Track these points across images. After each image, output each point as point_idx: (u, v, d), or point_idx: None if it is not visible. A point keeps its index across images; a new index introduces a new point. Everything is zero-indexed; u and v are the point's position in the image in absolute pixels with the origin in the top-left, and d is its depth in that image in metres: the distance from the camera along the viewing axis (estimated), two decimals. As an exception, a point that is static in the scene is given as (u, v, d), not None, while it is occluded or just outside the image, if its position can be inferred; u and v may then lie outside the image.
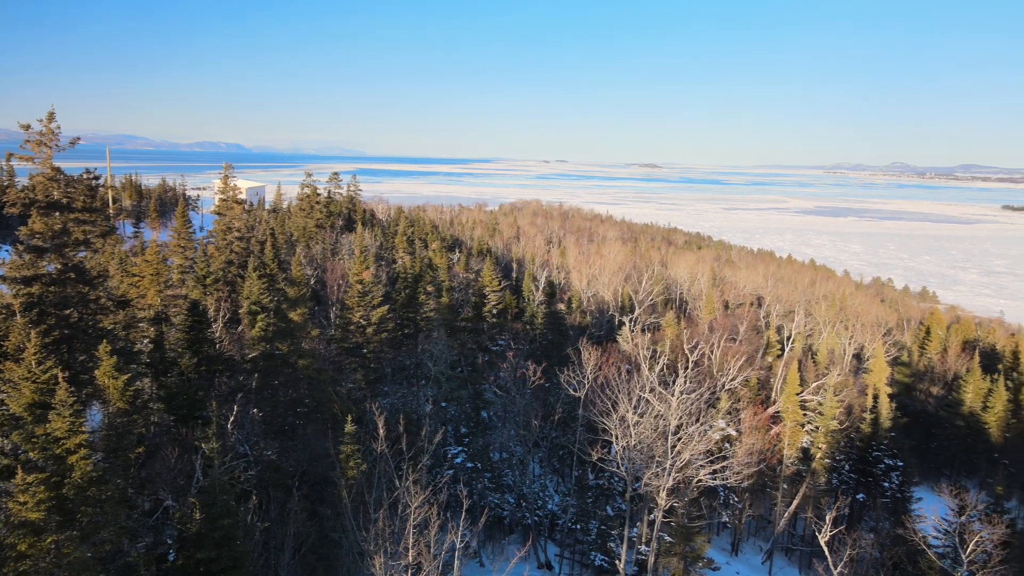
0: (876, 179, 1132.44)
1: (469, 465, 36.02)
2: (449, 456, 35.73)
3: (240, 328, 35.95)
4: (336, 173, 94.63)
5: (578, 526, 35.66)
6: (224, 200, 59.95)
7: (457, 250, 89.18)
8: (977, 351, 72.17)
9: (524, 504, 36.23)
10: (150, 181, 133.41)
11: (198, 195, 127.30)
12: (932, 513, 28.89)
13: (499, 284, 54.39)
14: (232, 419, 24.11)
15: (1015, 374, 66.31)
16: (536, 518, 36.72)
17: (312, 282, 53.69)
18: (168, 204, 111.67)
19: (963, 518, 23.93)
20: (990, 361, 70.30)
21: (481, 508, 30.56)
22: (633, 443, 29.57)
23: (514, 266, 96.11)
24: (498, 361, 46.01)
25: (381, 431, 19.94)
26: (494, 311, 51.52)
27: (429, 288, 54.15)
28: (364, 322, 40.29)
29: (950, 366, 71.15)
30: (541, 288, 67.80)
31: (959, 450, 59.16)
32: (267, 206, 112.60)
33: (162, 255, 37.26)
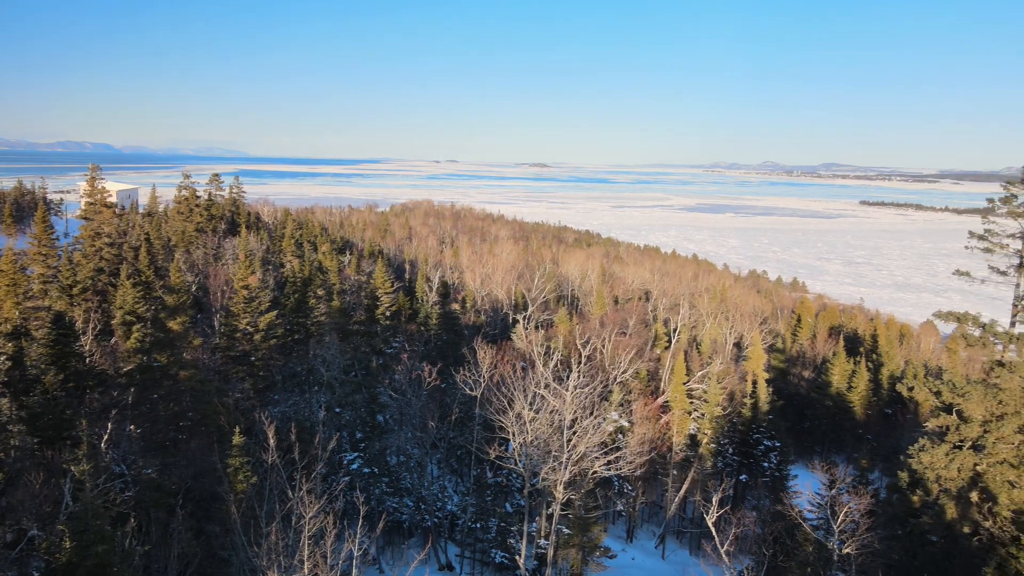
0: (750, 177, 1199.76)
1: (366, 470, 35.34)
2: (345, 463, 34.91)
3: (113, 340, 33.63)
4: (217, 174, 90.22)
5: (478, 525, 35.73)
6: (92, 204, 55.90)
7: (348, 252, 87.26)
8: (842, 336, 78.02)
9: (423, 506, 35.93)
10: (5, 184, 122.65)
11: (61, 199, 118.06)
12: (807, 488, 30.93)
13: (392, 286, 53.64)
14: (106, 437, 22.50)
15: (874, 356, 72.07)
16: (436, 520, 36.51)
17: (193, 289, 51.01)
18: (26, 209, 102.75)
19: (833, 491, 25.75)
20: (853, 345, 76.04)
21: (379, 513, 30.05)
22: (530, 439, 29.93)
23: (407, 267, 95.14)
24: (393, 363, 45.38)
25: (272, 441, 19.19)
26: (387, 313, 50.77)
27: (320, 292, 52.69)
28: (251, 329, 38.70)
29: (819, 351, 76.46)
30: (435, 288, 67.46)
31: (829, 428, 63.70)
32: (141, 210, 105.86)
33: (20, 264, 34.29)
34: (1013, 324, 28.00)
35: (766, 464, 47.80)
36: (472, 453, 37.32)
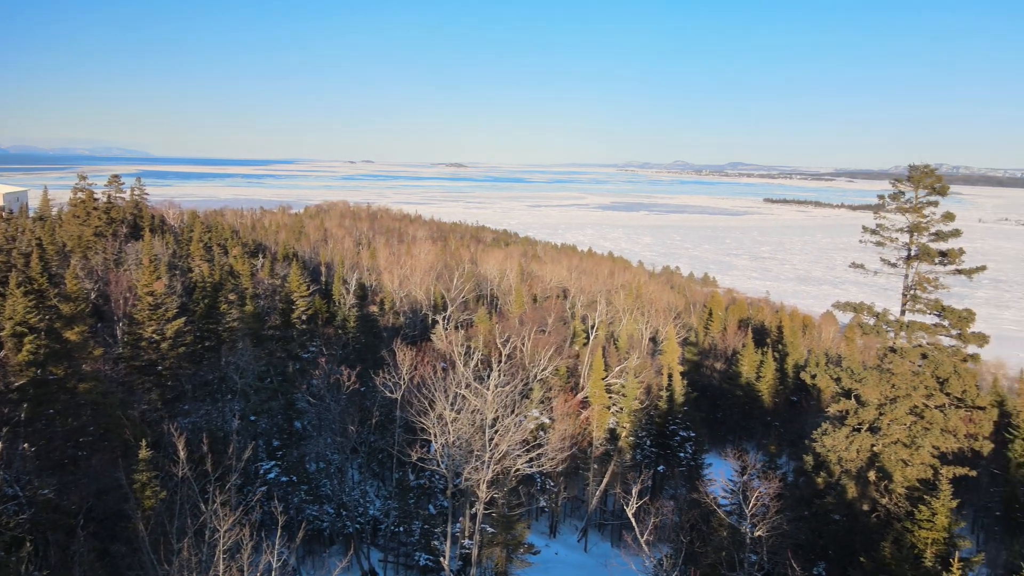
0: (662, 176, 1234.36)
1: (284, 479, 34.37)
2: (261, 472, 33.85)
3: (3, 353, 31.44)
4: (116, 176, 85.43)
5: (401, 528, 35.36)
6: (-25, 207, 52.10)
7: (261, 255, 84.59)
8: (750, 328, 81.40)
9: (344, 513, 35.25)
10: None
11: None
12: (720, 476, 32.11)
13: (308, 289, 52.35)
14: (-3, 457, 21.02)
15: (780, 346, 75.54)
16: (358, 526, 35.88)
17: (93, 297, 48.33)
18: None
19: (745, 477, 26.79)
20: (760, 336, 79.47)
21: (299, 522, 29.30)
22: (452, 439, 29.86)
23: (323, 270, 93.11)
24: (310, 368, 44.32)
25: (182, 453, 18.43)
26: (303, 317, 49.52)
27: (231, 296, 50.90)
28: (158, 337, 36.97)
29: (729, 343, 79.46)
30: (352, 291, 66.33)
31: (740, 417, 66.31)
32: (31, 213, 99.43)
33: None
34: (903, 312, 29.86)
35: (682, 454, 49.31)
36: (394, 456, 36.91)
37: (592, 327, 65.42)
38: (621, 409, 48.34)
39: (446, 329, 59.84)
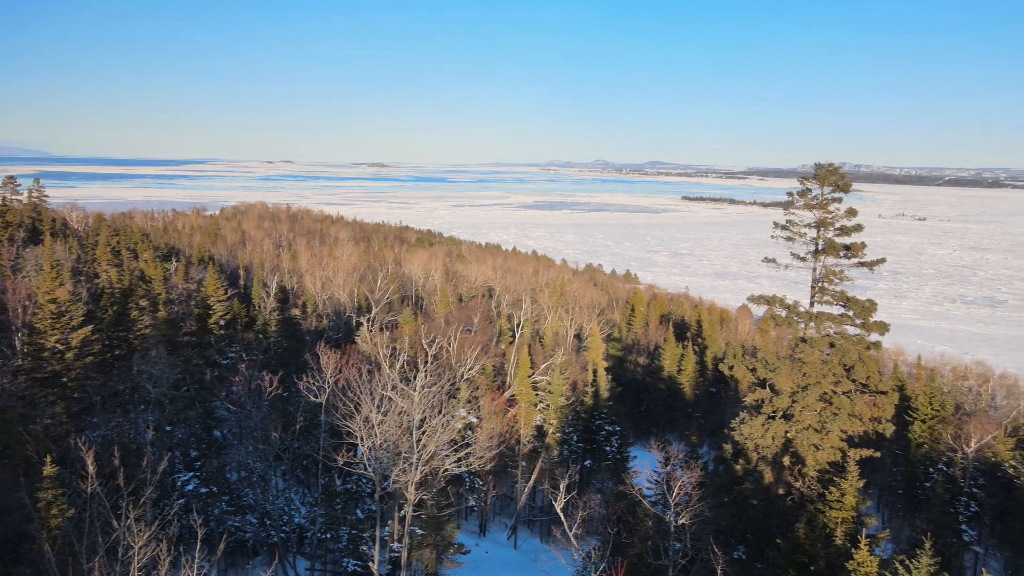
0: (583, 175, 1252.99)
1: (203, 490, 33.17)
2: (179, 484, 32.56)
3: None
4: (12, 177, 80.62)
5: (328, 535, 34.67)
6: None
7: (174, 259, 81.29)
8: (671, 323, 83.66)
9: (268, 522, 34.29)
10: None
11: None
12: (645, 467, 32.91)
13: (225, 293, 50.67)
14: None
15: (700, 340, 77.91)
16: (283, 534, 34.98)
17: (-12, 306, 45.32)
18: None
19: (668, 468, 27.59)
20: (681, 330, 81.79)
21: (220, 534, 28.32)
22: (379, 442, 29.46)
23: (241, 273, 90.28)
24: (229, 375, 42.89)
25: (91, 468, 17.49)
26: (221, 322, 47.92)
27: (143, 303, 48.75)
28: (62, 347, 35.02)
29: (651, 338, 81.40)
30: (273, 294, 64.65)
31: (663, 410, 68.07)
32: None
33: None
34: (812, 304, 31.34)
35: (608, 448, 50.23)
36: (319, 462, 36.15)
37: (518, 325, 65.80)
38: (548, 406, 48.83)
39: (371, 331, 59.02)
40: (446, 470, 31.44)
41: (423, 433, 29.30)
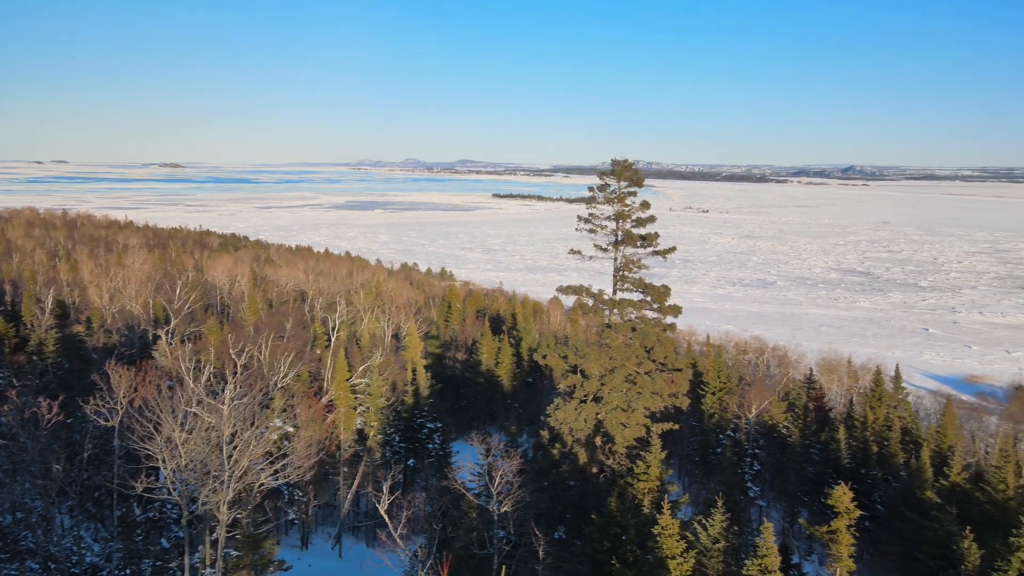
0: (395, 174, 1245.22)
1: (-31, 540, 28.85)
2: (-64, 536, 28.07)
3: None
4: None
5: (128, 571, 31.57)
6: None
7: (-83, 275, 69.74)
8: (487, 318, 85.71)
9: (53, 566, 30.52)
10: None
11: None
12: (467, 461, 33.39)
13: (-13, 311, 44.34)
14: None
15: (515, 332, 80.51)
16: (74, 577, 31.37)
17: None
18: None
19: (489, 459, 28.21)
20: (497, 324, 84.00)
21: (-6, 587, 24.85)
22: (184, 463, 27.32)
23: (8, 288, 79.32)
24: (-3, 404, 37.62)
25: None
26: (-16, 345, 41.90)
27: None
28: None
29: (469, 333, 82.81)
30: (49, 310, 57.68)
31: (483, 403, 69.57)
32: None
33: None
34: (615, 292, 33.55)
35: (431, 446, 50.44)
36: (114, 491, 32.81)
37: (333, 328, 63.98)
38: (368, 408, 48.04)
39: (170, 344, 54.49)
40: (262, 484, 29.89)
41: (235, 448, 27.63)
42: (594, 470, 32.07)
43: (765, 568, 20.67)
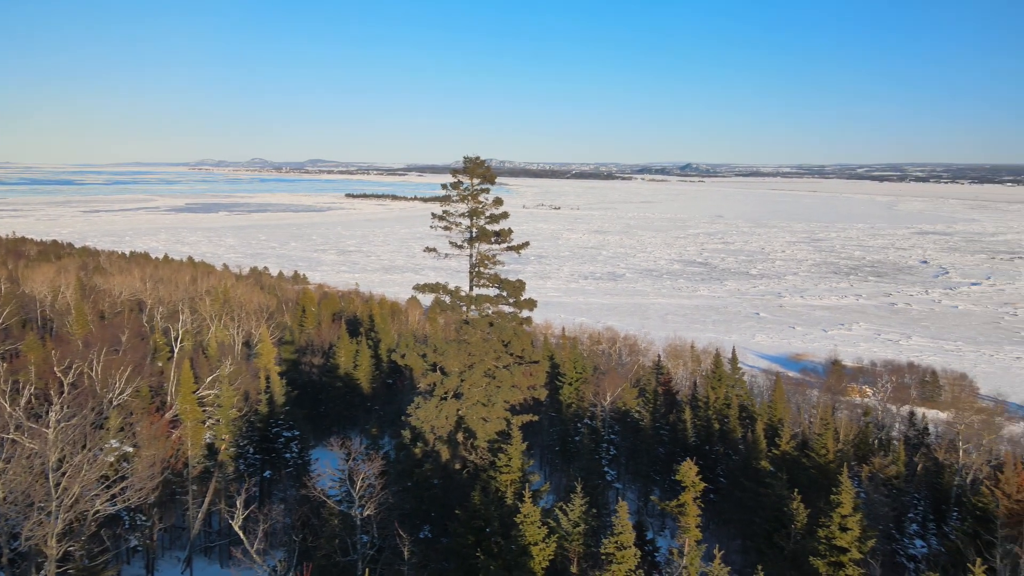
0: (240, 174, 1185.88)
1: None
2: None
3: None
4: None
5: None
6: None
7: None
8: (343, 320, 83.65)
9: None
10: None
11: None
12: (327, 468, 32.43)
13: None
14: None
15: (373, 334, 79.14)
16: None
17: None
18: None
19: (350, 463, 27.53)
20: (354, 327, 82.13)
21: None
22: (2, 496, 24.58)
23: None
24: None
25: None
26: None
27: None
28: None
29: (325, 337, 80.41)
30: None
31: (342, 407, 67.81)
32: None
33: None
34: (472, 288, 33.81)
35: (288, 455, 48.53)
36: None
37: (176, 339, 59.82)
38: (218, 421, 45.36)
39: (-19, 365, 48.71)
40: (97, 512, 27.43)
41: (63, 475, 25.17)
42: (457, 466, 32.17)
43: (621, 544, 21.67)
